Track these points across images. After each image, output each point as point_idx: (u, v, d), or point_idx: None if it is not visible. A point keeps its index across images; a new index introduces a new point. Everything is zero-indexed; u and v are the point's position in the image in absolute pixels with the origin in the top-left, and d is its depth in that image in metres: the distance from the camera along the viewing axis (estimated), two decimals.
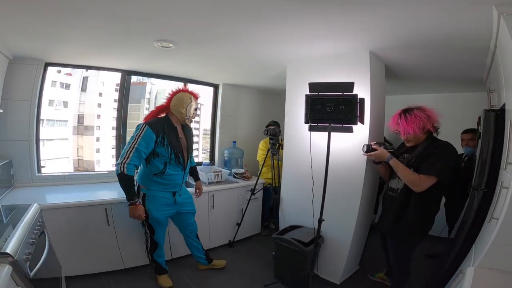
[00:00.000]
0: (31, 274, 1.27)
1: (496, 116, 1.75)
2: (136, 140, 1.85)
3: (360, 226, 2.29)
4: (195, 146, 3.49)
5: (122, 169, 1.80)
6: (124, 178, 1.82)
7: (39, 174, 2.58)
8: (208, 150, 3.93)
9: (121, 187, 1.84)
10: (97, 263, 2.23)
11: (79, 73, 6.57)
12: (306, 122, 1.93)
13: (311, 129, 1.94)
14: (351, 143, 2.15)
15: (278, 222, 2.83)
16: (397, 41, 1.87)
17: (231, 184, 3.04)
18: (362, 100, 1.84)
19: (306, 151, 2.43)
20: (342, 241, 2.26)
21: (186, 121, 2.09)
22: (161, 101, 2.23)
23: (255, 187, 3.03)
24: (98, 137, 7.43)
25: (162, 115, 2.09)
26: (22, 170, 2.45)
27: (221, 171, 3.10)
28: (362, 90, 2.05)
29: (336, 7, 1.45)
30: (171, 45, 2.07)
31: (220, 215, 2.94)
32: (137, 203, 1.92)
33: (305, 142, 2.46)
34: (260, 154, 3.47)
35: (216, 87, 3.69)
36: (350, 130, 1.87)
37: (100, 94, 7.54)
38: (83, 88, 6.69)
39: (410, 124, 1.70)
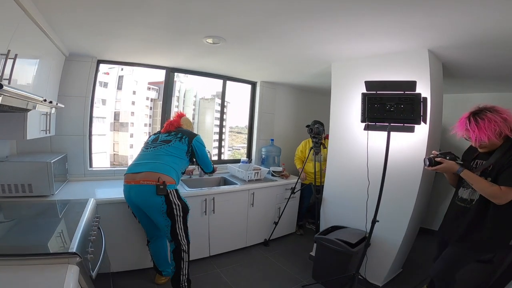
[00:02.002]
0: (93, 274, 1.25)
1: None
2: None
3: (411, 229, 2.20)
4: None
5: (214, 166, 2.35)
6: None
7: (90, 169, 2.69)
8: (245, 148, 3.94)
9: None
10: (145, 258, 2.29)
11: (115, 72, 6.87)
12: (363, 121, 1.86)
13: (368, 128, 1.87)
14: (407, 143, 2.06)
15: (318, 222, 2.78)
16: (457, 40, 1.77)
17: (271, 183, 3.02)
18: (425, 99, 1.74)
19: (355, 150, 2.38)
20: (391, 244, 2.18)
21: None
22: (190, 99, 2.60)
23: (295, 186, 2.99)
24: (132, 133, 7.75)
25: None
26: (76, 164, 2.56)
27: (260, 169, 3.09)
28: (420, 89, 1.92)
29: (393, 6, 1.40)
30: (219, 42, 2.08)
31: (258, 213, 2.93)
32: None
33: (353, 142, 2.40)
34: (297, 159, 3.44)
35: (254, 84, 3.68)
36: (411, 130, 1.78)
37: (134, 92, 7.83)
38: (118, 87, 6.98)
39: (484, 130, 1.44)
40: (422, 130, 1.97)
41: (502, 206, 1.43)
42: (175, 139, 2.10)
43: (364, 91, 1.88)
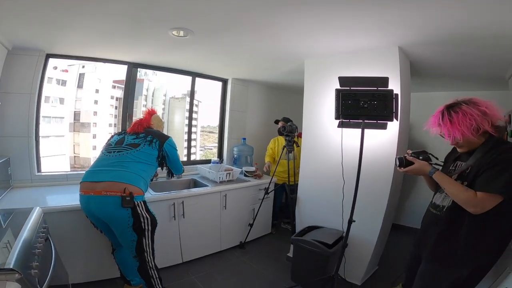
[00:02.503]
0: None
1: None
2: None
3: (385, 227, 2.21)
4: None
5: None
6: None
7: (39, 174, 2.39)
8: (216, 148, 3.79)
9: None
10: (111, 267, 2.06)
11: (76, 69, 6.40)
12: (337, 118, 1.81)
13: (342, 125, 1.82)
14: (378, 140, 2.07)
15: (294, 223, 2.72)
16: (426, 37, 1.79)
17: (244, 183, 2.91)
18: (397, 95, 1.73)
19: (329, 148, 2.34)
20: (366, 242, 2.18)
21: None
22: (159, 98, 2.40)
23: (269, 186, 2.91)
24: (95, 134, 7.23)
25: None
26: (21, 169, 2.25)
27: (232, 170, 2.97)
28: (391, 87, 1.93)
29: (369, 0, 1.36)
30: (187, 35, 1.92)
31: (232, 216, 2.81)
32: None
33: (327, 139, 2.37)
34: (268, 155, 3.40)
35: (224, 82, 3.54)
36: (384, 126, 1.76)
37: (97, 91, 7.36)
38: (79, 85, 6.49)
39: (457, 125, 1.20)
40: (393, 128, 1.97)
41: (479, 218, 1.19)
42: (144, 142, 1.84)
43: (338, 87, 1.84)
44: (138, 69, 2.89)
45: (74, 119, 6.80)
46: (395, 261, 2.66)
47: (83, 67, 6.71)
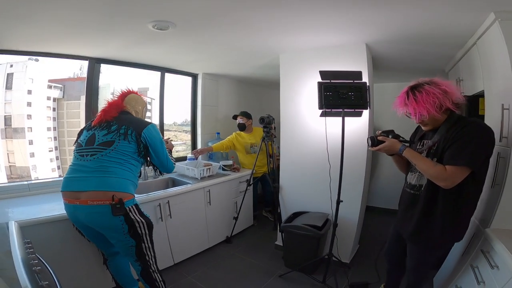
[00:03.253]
0: None
1: (470, 100, 2.09)
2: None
3: (362, 207, 2.48)
4: None
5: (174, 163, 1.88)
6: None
7: None
8: (185, 145, 3.71)
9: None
10: (105, 279, 1.94)
11: (3, 69, 5.53)
12: (320, 108, 1.98)
13: (325, 114, 2.00)
14: (353, 126, 2.28)
15: (279, 212, 2.84)
16: (390, 35, 2.03)
17: (224, 177, 2.93)
18: (369, 87, 1.98)
19: (308, 137, 2.52)
20: (350, 222, 2.41)
21: None
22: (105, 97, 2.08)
23: (251, 177, 2.99)
24: (31, 140, 6.37)
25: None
26: None
27: (211, 165, 2.96)
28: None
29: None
30: (168, 28, 1.85)
31: (217, 211, 2.83)
32: None
33: (306, 129, 2.53)
34: (221, 143, 3.39)
35: (194, 77, 3.47)
36: (360, 114, 2.01)
37: (30, 92, 6.47)
38: (7, 86, 5.62)
39: (422, 103, 1.27)
40: (365, 115, 2.21)
41: (452, 191, 1.26)
42: (118, 137, 1.56)
43: (314, 80, 2.01)
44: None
45: (5, 125, 5.88)
46: (372, 239, 2.97)
47: (11, 66, 5.80)
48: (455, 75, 2.51)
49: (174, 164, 1.86)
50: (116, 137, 1.57)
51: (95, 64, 2.58)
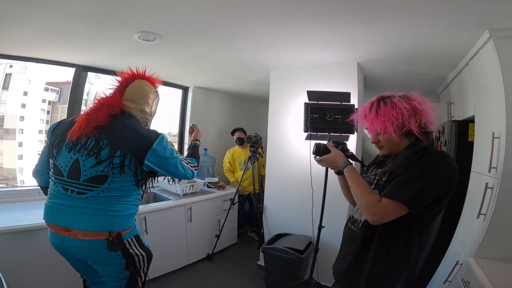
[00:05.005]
0: None
1: (460, 126, 2.04)
2: (175, 151, 1.34)
3: None
4: None
5: (195, 169, 1.44)
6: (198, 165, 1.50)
7: None
8: None
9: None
10: None
11: (2, 69, 5.54)
12: (305, 131, 1.91)
13: (310, 138, 1.93)
14: None
15: (262, 232, 2.74)
16: (381, 54, 2.01)
17: (208, 195, 2.85)
18: (357, 109, 1.91)
19: (294, 159, 2.44)
20: (333, 246, 2.30)
21: (148, 124, 1.43)
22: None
23: (235, 196, 2.90)
24: (21, 142, 6.30)
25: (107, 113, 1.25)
26: None
27: (195, 181, 2.88)
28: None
29: (335, 19, 1.48)
30: (155, 39, 1.84)
31: (198, 228, 2.72)
32: None
33: (292, 150, 2.47)
34: (227, 170, 3.45)
35: (185, 89, 3.43)
36: (347, 139, 1.92)
37: (26, 94, 6.46)
38: (4, 86, 5.61)
39: (381, 117, 1.00)
40: (351, 139, 2.14)
41: (386, 235, 1.00)
42: (111, 169, 1.16)
43: (303, 100, 1.95)
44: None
45: None
46: None
47: (11, 66, 5.80)
48: (447, 98, 2.47)
49: (195, 168, 1.42)
50: (109, 170, 1.16)
51: (81, 71, 2.54)
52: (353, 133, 1.90)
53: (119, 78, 1.32)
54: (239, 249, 3.19)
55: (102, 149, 1.16)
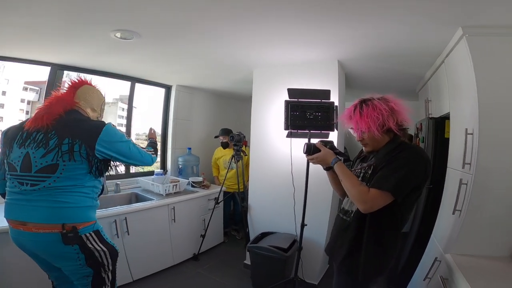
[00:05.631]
0: None
1: (437, 123, 2.09)
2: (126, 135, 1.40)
3: (330, 227, 2.38)
4: None
5: (154, 153, 1.55)
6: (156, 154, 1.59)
7: None
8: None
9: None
10: None
11: None
12: (286, 129, 1.91)
13: (290, 135, 1.93)
14: None
15: (247, 231, 2.75)
16: (362, 52, 2.04)
17: (192, 194, 2.83)
18: (337, 107, 1.93)
19: (277, 157, 2.45)
20: (317, 244, 2.34)
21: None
22: None
23: (219, 195, 2.88)
24: None
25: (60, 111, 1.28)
26: None
27: (179, 181, 2.85)
28: (331, 97, 2.14)
29: (317, 16, 1.48)
30: (132, 37, 1.80)
31: (182, 228, 2.70)
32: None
33: (275, 148, 2.47)
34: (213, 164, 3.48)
35: (168, 88, 3.37)
36: (327, 136, 1.93)
37: (4, 93, 6.21)
38: None
39: (365, 118, 1.16)
40: (332, 137, 2.17)
41: (375, 220, 1.15)
42: (61, 156, 1.17)
43: (285, 98, 1.94)
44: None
45: None
46: None
47: None
48: (425, 96, 2.52)
49: (154, 155, 1.52)
50: (58, 157, 1.17)
51: (57, 70, 2.46)
52: (333, 130, 1.90)
53: (70, 82, 1.42)
54: (225, 248, 3.18)
55: (50, 139, 1.19)
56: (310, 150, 1.35)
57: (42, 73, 2.57)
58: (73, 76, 1.47)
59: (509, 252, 1.40)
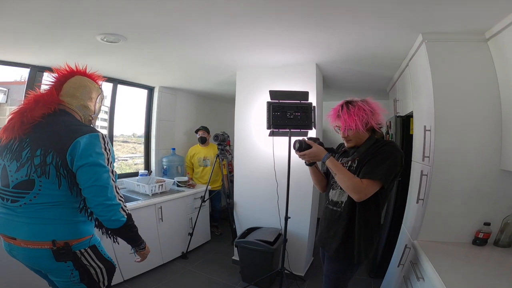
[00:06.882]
0: None
1: (403, 121, 2.31)
2: (109, 162, 1.10)
3: (313, 221, 2.57)
4: None
5: (127, 214, 1.15)
6: (131, 224, 1.19)
7: None
8: (134, 158, 3.58)
9: (128, 237, 1.22)
10: None
11: None
12: (268, 128, 2.04)
13: (272, 134, 2.07)
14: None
15: (234, 227, 2.86)
16: (337, 56, 2.18)
17: (178, 194, 2.88)
18: (315, 108, 2.09)
19: (259, 155, 2.57)
20: (301, 236, 2.48)
21: (92, 122, 1.28)
22: None
23: (205, 194, 2.96)
24: None
25: (42, 111, 1.07)
26: None
27: (164, 181, 2.89)
28: (310, 97, 2.29)
29: (298, 22, 1.59)
30: (118, 41, 1.83)
31: (170, 227, 2.75)
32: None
33: (257, 147, 2.59)
34: (187, 167, 3.54)
35: (151, 89, 3.39)
36: (306, 134, 2.10)
37: None
38: None
39: (353, 117, 1.32)
40: (310, 135, 2.33)
41: (364, 208, 1.31)
42: (34, 171, 1.00)
43: (266, 99, 2.07)
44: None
45: None
46: None
47: None
48: (393, 95, 2.75)
49: (120, 200, 1.13)
50: (32, 173, 1.00)
51: (37, 72, 2.43)
52: (311, 128, 2.07)
53: (55, 75, 1.18)
54: (213, 245, 3.26)
55: (23, 150, 1.01)
56: (302, 146, 1.43)
57: (11, 74, 2.50)
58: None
59: (471, 238, 1.54)
